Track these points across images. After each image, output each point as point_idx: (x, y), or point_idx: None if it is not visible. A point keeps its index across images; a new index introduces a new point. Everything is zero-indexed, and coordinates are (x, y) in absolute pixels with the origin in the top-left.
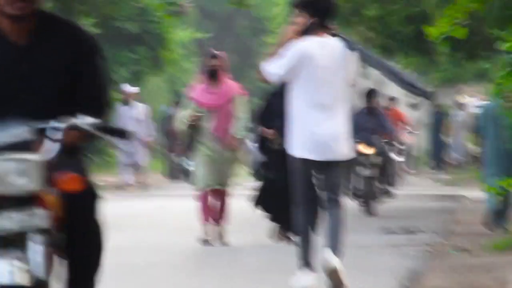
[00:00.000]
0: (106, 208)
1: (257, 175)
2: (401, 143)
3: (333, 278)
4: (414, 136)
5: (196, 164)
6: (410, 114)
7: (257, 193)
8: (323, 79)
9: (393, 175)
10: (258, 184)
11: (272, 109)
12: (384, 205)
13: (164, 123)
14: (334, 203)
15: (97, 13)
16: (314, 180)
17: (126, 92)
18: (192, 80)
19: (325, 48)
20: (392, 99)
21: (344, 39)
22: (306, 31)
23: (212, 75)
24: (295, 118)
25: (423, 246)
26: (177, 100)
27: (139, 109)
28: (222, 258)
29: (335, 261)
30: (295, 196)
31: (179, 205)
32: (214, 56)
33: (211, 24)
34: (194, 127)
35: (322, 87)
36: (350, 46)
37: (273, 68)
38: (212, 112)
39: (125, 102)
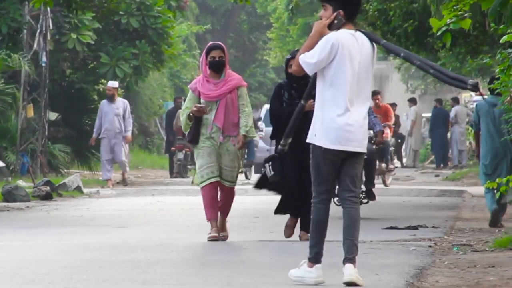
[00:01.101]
0: (108, 205)
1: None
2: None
3: None
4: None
5: (196, 157)
6: (412, 110)
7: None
8: (353, 70)
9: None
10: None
11: (282, 102)
12: (387, 201)
13: (167, 119)
14: (352, 196)
15: (96, 7)
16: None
17: (111, 88)
18: (193, 74)
19: (356, 40)
20: (377, 93)
21: (366, 34)
22: (332, 25)
23: (215, 66)
24: (322, 108)
25: (426, 242)
26: (179, 96)
27: (120, 104)
28: (224, 255)
29: (355, 278)
30: (315, 186)
31: (182, 201)
32: (216, 47)
33: (210, 18)
34: (197, 119)
35: (351, 79)
36: (376, 40)
37: (306, 58)
38: (215, 103)
39: (110, 98)
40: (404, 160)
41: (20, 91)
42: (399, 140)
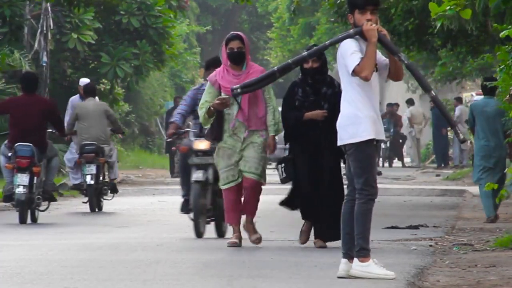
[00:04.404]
0: (109, 205)
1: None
2: None
3: None
4: None
5: (216, 156)
6: (408, 111)
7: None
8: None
9: None
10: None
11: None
12: (388, 201)
13: (167, 119)
14: (358, 192)
15: (97, 7)
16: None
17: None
18: (194, 73)
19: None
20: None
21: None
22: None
23: (234, 58)
24: None
25: (427, 242)
26: (179, 95)
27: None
28: (225, 255)
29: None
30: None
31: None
32: (236, 38)
33: (211, 18)
34: (219, 114)
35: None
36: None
37: None
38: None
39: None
40: (407, 160)
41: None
42: (401, 140)
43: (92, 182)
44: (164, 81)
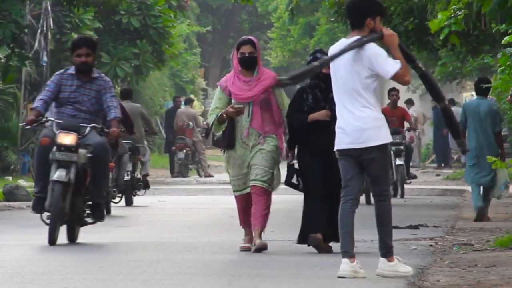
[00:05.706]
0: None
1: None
2: None
3: None
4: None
5: (227, 164)
6: (412, 110)
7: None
8: (336, 76)
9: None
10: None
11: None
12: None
13: (167, 119)
14: (375, 194)
15: (97, 7)
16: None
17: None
18: (194, 73)
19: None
20: (394, 89)
21: (361, 39)
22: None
23: (245, 63)
24: None
25: (427, 242)
26: (178, 95)
27: None
28: (225, 255)
29: (383, 272)
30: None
31: (183, 201)
32: (246, 42)
33: (211, 18)
34: (231, 121)
35: (337, 84)
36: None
37: None
38: (248, 104)
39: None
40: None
41: (21, 90)
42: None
43: (128, 178)
44: (164, 81)
